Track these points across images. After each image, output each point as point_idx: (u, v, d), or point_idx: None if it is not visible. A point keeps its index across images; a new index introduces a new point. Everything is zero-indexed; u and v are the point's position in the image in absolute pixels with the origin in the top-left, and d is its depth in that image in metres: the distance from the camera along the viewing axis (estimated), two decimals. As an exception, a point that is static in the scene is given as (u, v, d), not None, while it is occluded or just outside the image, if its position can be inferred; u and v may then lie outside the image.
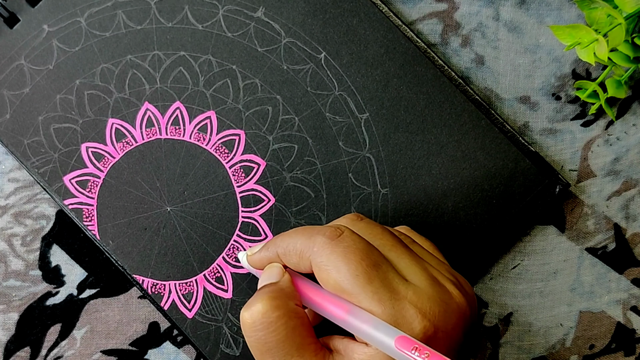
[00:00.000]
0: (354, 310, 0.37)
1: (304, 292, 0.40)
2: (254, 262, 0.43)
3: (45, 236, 0.51)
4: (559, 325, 0.52)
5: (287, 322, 0.38)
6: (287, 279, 0.41)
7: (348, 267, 0.37)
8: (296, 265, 0.40)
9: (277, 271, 0.41)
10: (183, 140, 0.50)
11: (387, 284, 0.37)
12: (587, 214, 0.52)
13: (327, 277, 0.38)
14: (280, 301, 0.38)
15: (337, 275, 0.38)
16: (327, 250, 0.38)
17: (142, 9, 0.50)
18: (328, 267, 0.38)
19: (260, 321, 0.38)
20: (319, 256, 0.38)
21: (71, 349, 0.51)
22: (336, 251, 0.38)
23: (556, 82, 0.51)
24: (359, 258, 0.38)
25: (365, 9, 0.49)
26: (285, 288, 0.40)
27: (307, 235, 0.39)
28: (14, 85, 0.49)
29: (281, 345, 0.38)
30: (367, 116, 0.50)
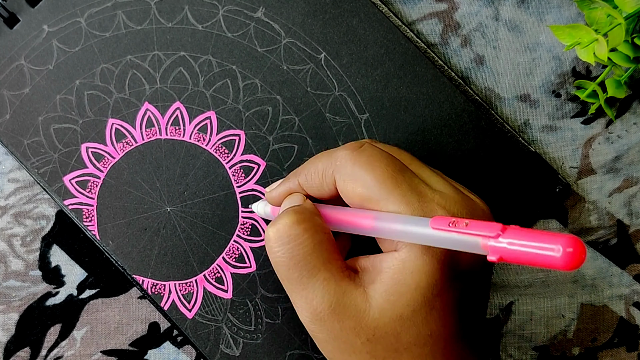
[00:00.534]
0: (381, 215, 0.36)
1: (329, 214, 0.39)
2: (274, 199, 0.43)
3: (45, 236, 0.51)
4: (560, 316, 0.52)
5: (314, 236, 0.37)
6: (310, 203, 0.40)
7: (374, 173, 0.37)
8: (319, 188, 0.40)
9: (298, 197, 0.41)
10: (183, 141, 0.50)
11: (414, 188, 0.37)
12: (590, 210, 0.52)
13: (352, 187, 0.37)
14: (306, 215, 0.38)
15: (363, 183, 0.37)
16: (350, 162, 0.38)
17: (142, 9, 0.50)
18: (353, 177, 0.37)
19: (287, 234, 0.37)
20: (343, 168, 0.38)
21: (71, 349, 0.51)
22: (360, 160, 0.38)
23: (556, 79, 0.51)
24: (383, 165, 0.37)
25: (365, 10, 0.49)
26: (308, 207, 0.39)
27: (329, 154, 0.39)
28: (14, 86, 0.49)
29: (308, 258, 0.37)
30: (367, 116, 0.50)
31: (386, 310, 0.36)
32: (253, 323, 0.49)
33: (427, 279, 0.36)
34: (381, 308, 0.36)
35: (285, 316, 0.49)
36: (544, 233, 0.29)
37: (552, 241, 0.28)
